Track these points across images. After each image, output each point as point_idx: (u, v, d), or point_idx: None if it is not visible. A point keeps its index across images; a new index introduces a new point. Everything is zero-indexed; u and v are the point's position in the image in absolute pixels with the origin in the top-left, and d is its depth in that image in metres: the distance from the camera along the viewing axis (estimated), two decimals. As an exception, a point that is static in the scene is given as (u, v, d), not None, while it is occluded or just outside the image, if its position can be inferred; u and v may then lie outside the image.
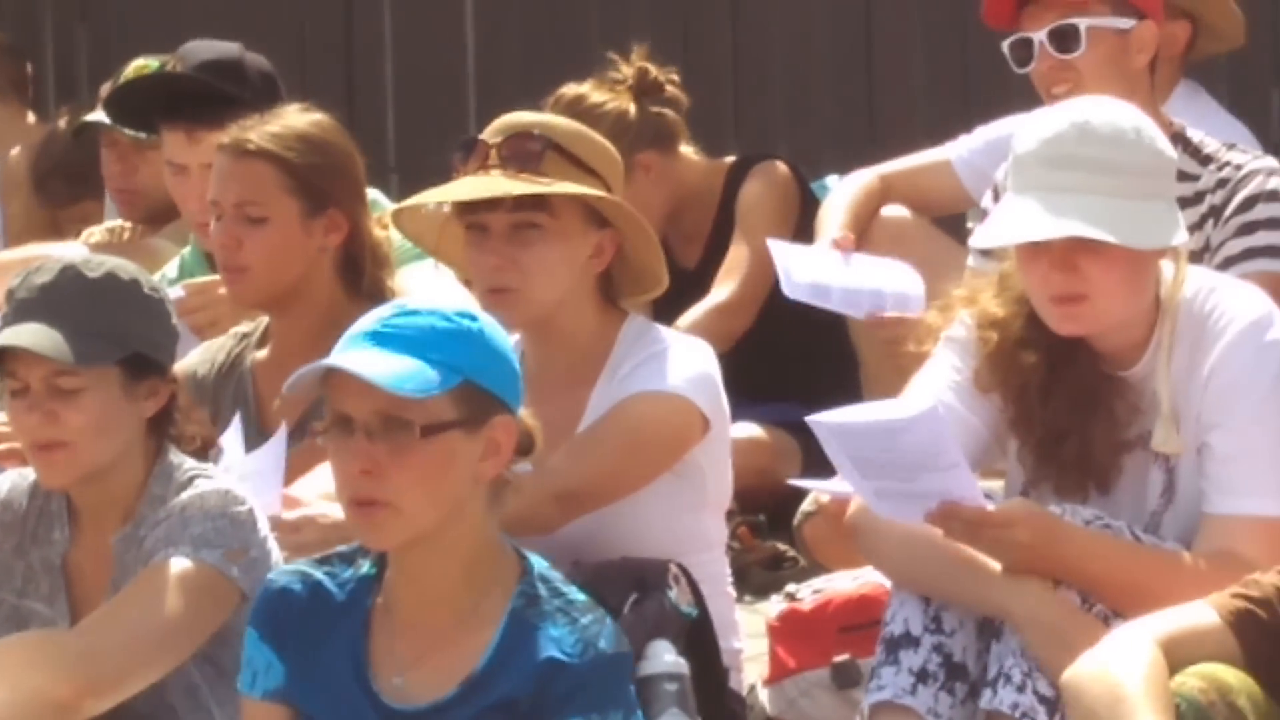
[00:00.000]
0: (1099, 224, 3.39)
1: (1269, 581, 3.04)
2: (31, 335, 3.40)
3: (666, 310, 4.72)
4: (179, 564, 3.38)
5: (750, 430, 5.26)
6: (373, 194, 4.93)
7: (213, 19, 6.91)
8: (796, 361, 5.50)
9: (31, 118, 7.17)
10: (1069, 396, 3.62)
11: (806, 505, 4.53)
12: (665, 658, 3.61)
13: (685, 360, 3.89)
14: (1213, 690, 2.89)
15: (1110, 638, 3.07)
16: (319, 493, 3.78)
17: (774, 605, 4.45)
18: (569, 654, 3.01)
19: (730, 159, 5.47)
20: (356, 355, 3.00)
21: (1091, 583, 3.42)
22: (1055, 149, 3.54)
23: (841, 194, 5.42)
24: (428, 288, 4.40)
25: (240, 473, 3.86)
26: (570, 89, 5.09)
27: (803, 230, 5.08)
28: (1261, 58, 6.41)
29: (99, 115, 6.09)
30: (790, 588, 4.37)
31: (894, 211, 5.45)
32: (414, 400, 2.94)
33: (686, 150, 5.32)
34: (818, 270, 4.96)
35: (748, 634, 4.32)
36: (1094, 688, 2.92)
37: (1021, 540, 3.43)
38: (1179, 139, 3.99)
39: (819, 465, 3.98)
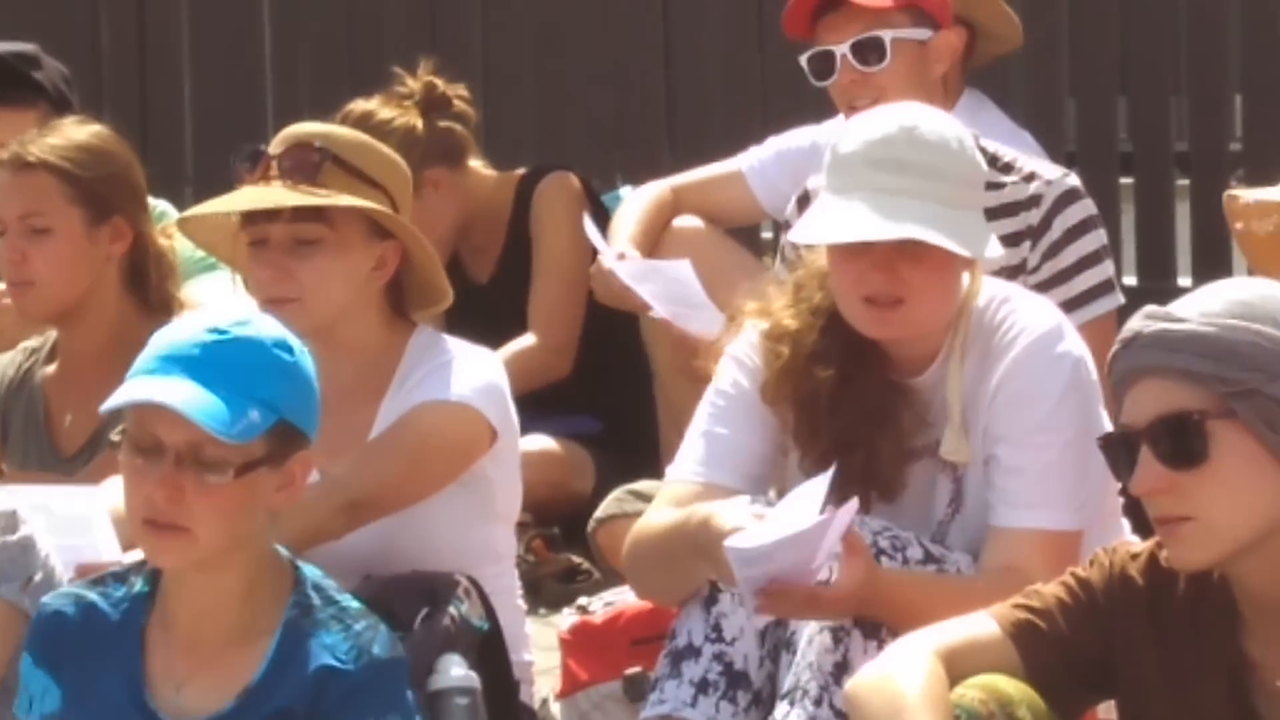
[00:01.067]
0: (931, 229, 3.42)
1: (1050, 592, 2.99)
2: None
3: (460, 325, 4.59)
4: None
5: (543, 443, 5.26)
6: (160, 204, 4.88)
7: (5, 28, 6.79)
8: (589, 375, 5.48)
9: None
10: (858, 407, 3.62)
11: (600, 512, 4.51)
12: (455, 672, 3.62)
13: (473, 371, 3.87)
14: (992, 701, 2.84)
15: (891, 649, 3.03)
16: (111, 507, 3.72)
17: (566, 618, 4.38)
18: (343, 660, 3.00)
19: (520, 171, 5.47)
20: (176, 386, 2.94)
21: (902, 620, 3.38)
22: (885, 151, 3.54)
23: (633, 205, 5.41)
24: (219, 299, 4.32)
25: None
26: (359, 105, 5.09)
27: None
28: (1056, 67, 6.46)
29: None
30: (582, 600, 4.32)
31: (686, 223, 5.41)
32: (231, 441, 2.95)
33: (476, 164, 5.32)
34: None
35: (540, 647, 4.37)
36: (875, 699, 2.88)
37: (850, 609, 3.47)
38: (979, 149, 4.05)
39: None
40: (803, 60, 4.68)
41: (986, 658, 2.89)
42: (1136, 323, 2.84)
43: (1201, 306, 2.82)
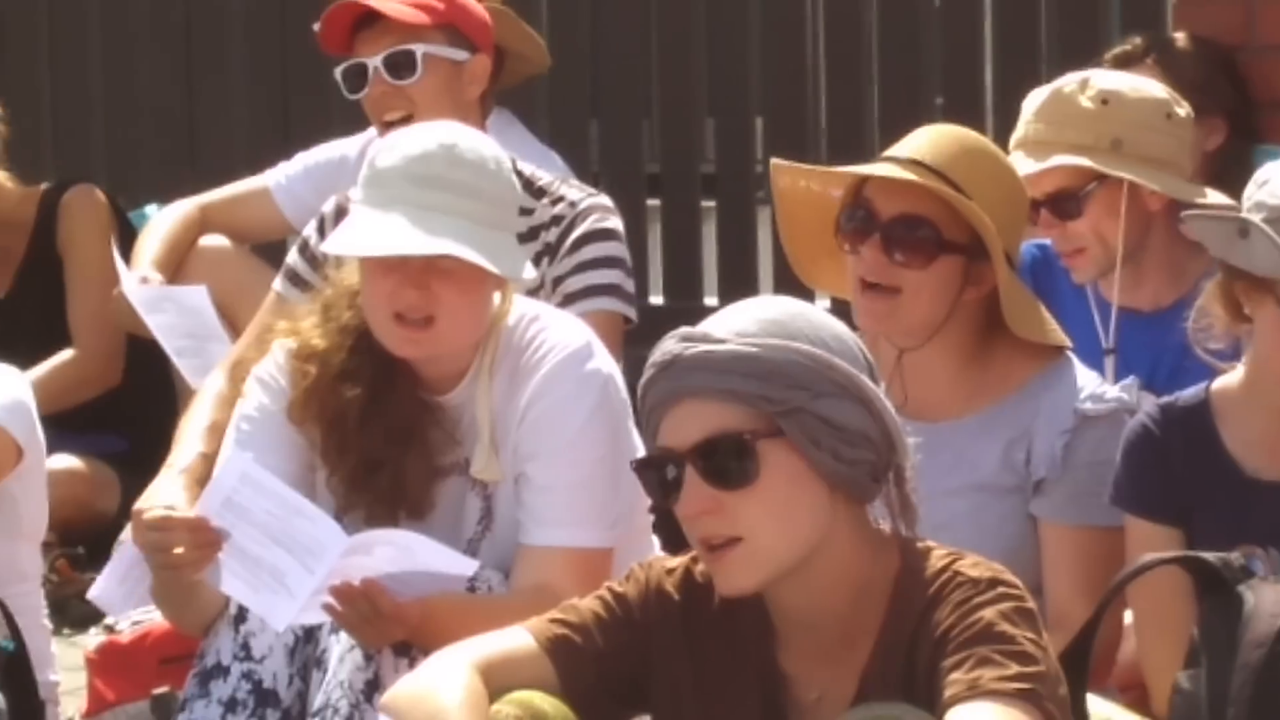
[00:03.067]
0: (468, 246, 3.42)
1: (586, 607, 2.94)
2: None
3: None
4: None
5: (68, 462, 5.16)
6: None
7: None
8: (115, 392, 5.40)
9: None
10: (387, 426, 3.61)
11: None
12: None
13: None
14: (527, 716, 2.76)
15: (429, 662, 2.96)
16: None
17: (93, 638, 4.37)
18: None
19: (44, 185, 5.39)
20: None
21: (435, 641, 3.28)
22: (424, 168, 3.52)
23: (159, 224, 5.32)
24: None
25: None
26: None
27: (120, 258, 5.07)
28: (579, 90, 6.54)
29: None
30: (109, 620, 4.20)
31: (212, 241, 5.40)
32: None
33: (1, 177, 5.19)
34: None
35: (66, 667, 4.33)
36: (414, 711, 2.80)
37: (410, 625, 3.49)
38: (515, 172, 4.10)
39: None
40: (337, 73, 4.65)
41: (523, 672, 2.85)
42: (672, 345, 2.82)
43: (735, 326, 2.82)
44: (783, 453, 2.71)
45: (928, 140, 3.89)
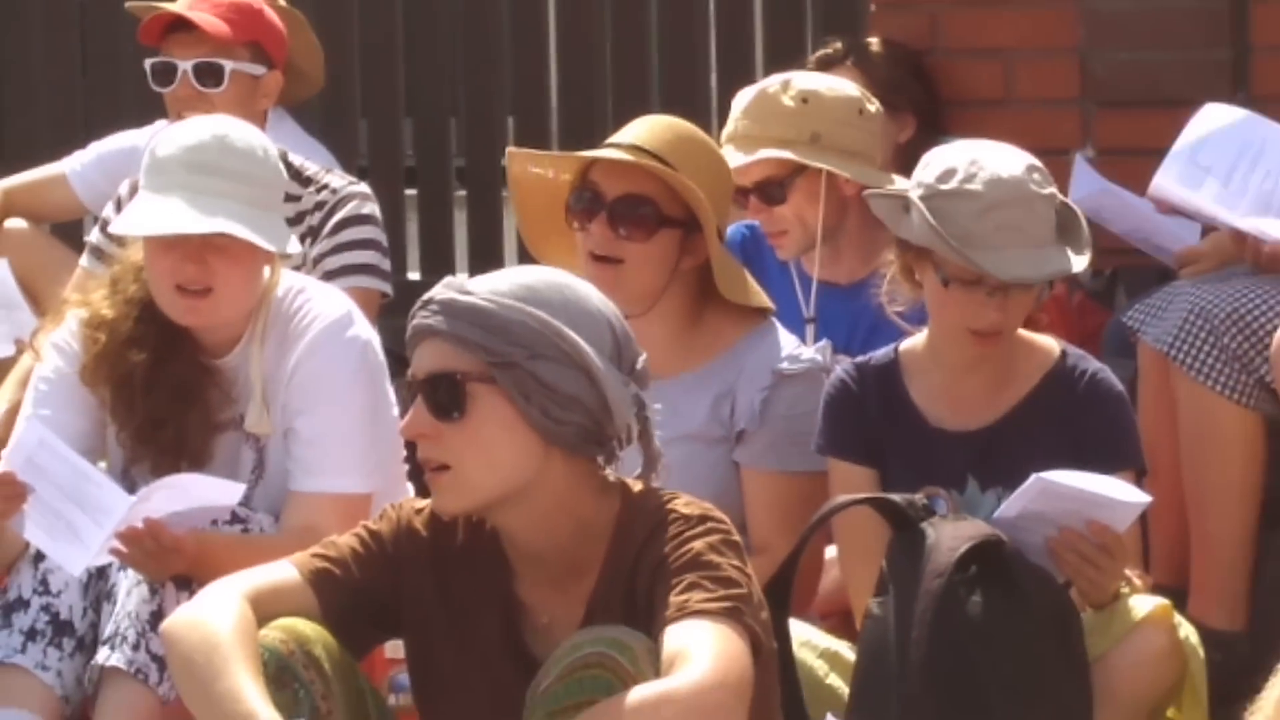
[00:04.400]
0: (240, 224, 3.59)
1: (345, 543, 3.09)
2: None
3: None
4: None
5: None
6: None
7: None
8: None
9: None
10: (170, 387, 3.73)
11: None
12: None
13: None
14: (292, 641, 2.95)
15: (203, 593, 3.10)
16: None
17: None
18: None
19: None
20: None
21: (212, 575, 3.39)
22: (199, 156, 3.69)
23: None
24: None
25: None
26: None
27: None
28: (350, 91, 6.56)
29: None
30: None
31: (14, 224, 5.48)
32: None
33: None
34: None
35: None
36: (190, 636, 2.94)
37: (188, 555, 3.61)
38: (284, 162, 4.30)
39: None
40: (147, 65, 4.78)
41: (289, 602, 2.98)
42: (436, 290, 2.99)
43: (491, 285, 2.97)
44: (494, 399, 2.87)
45: (645, 128, 4.05)
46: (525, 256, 4.73)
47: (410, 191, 6.45)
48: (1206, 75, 5.27)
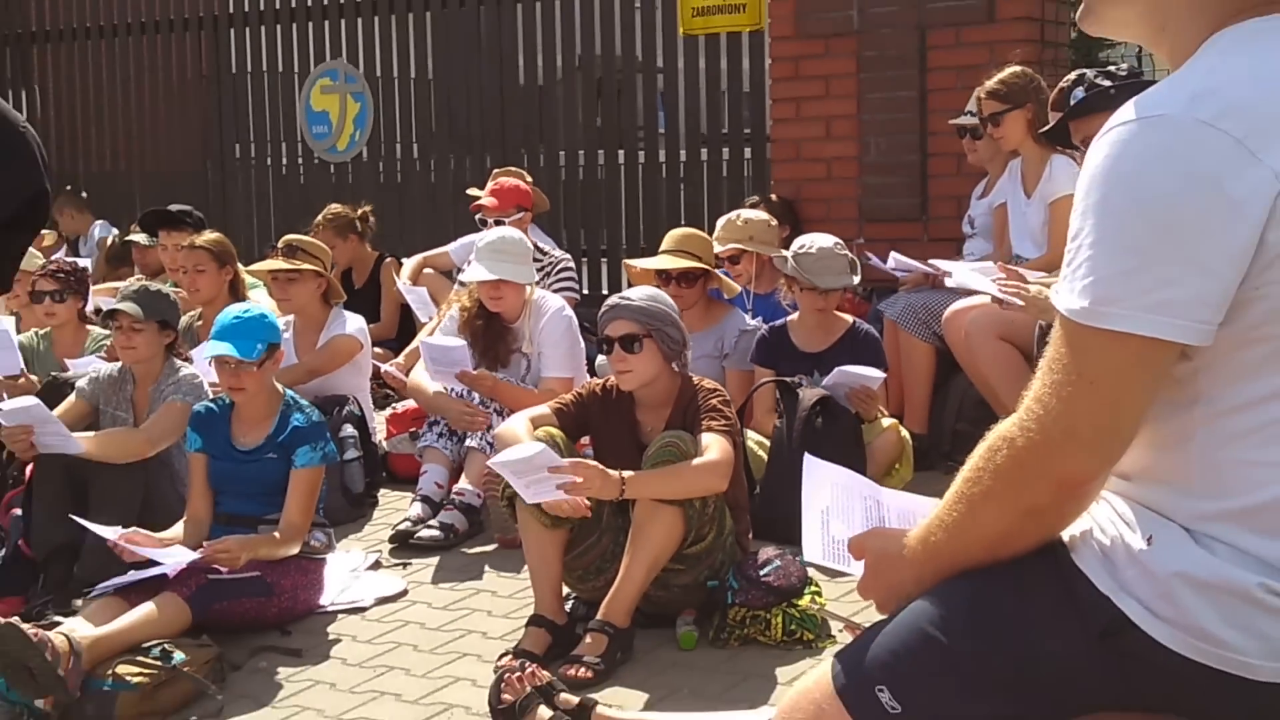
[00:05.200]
0: (512, 273, 5.64)
1: (567, 397, 4.53)
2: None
3: None
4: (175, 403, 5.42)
5: None
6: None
7: None
8: None
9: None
10: (492, 333, 5.85)
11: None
12: (345, 429, 6.00)
13: None
14: (544, 436, 4.25)
15: (509, 420, 4.54)
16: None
17: None
18: (301, 423, 5.00)
19: None
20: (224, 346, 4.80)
21: (514, 407, 5.11)
22: (496, 245, 5.77)
23: None
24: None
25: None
26: None
27: None
28: (557, 216, 8.84)
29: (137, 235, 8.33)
30: None
31: (428, 270, 8.01)
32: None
33: None
34: None
35: None
36: (504, 435, 4.41)
37: (494, 393, 5.37)
38: (533, 245, 6.19)
39: None
40: (477, 218, 7.14)
41: (546, 421, 4.40)
42: (613, 299, 4.48)
43: (640, 294, 4.45)
44: (651, 344, 4.30)
45: (683, 235, 6.10)
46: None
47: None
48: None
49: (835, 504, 2.44)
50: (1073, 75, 5.06)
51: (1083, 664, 1.88)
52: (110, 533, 4.59)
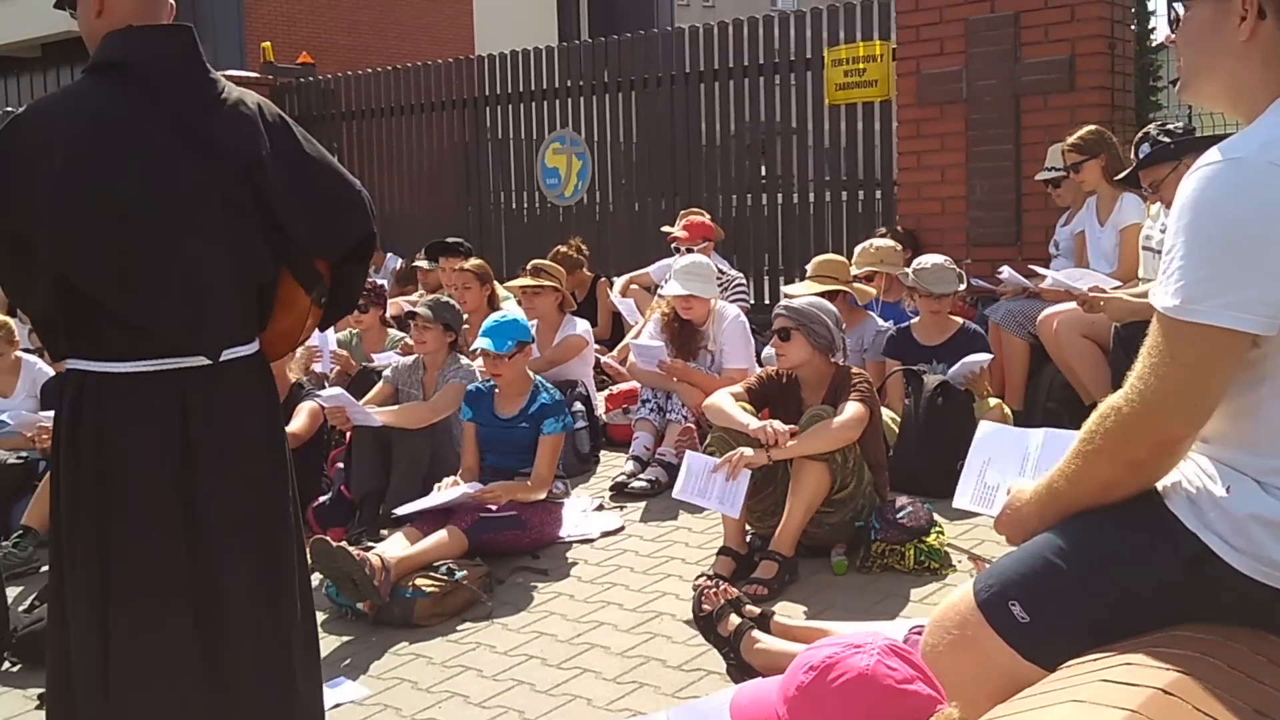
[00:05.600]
0: (700, 290, 5.45)
1: (750, 379, 4.47)
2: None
3: None
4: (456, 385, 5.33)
5: None
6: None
7: None
8: None
9: None
10: (686, 335, 5.62)
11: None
12: (577, 406, 5.83)
13: None
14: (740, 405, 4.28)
15: (713, 395, 4.40)
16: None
17: None
18: (547, 401, 4.84)
19: None
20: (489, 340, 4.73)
21: (708, 390, 4.81)
22: (688, 268, 5.59)
23: None
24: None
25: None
26: None
27: None
28: (728, 240, 8.54)
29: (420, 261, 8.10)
30: None
31: (635, 286, 7.88)
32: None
33: None
34: None
35: None
36: (711, 406, 4.33)
37: (687, 377, 5.14)
38: (715, 267, 5.83)
39: None
40: (671, 245, 6.74)
41: (740, 400, 4.34)
42: (783, 301, 4.44)
43: (801, 295, 4.51)
44: (799, 335, 4.30)
45: (825, 260, 5.87)
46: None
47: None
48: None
49: (996, 456, 2.49)
50: (1141, 133, 4.94)
51: (1173, 586, 1.85)
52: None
